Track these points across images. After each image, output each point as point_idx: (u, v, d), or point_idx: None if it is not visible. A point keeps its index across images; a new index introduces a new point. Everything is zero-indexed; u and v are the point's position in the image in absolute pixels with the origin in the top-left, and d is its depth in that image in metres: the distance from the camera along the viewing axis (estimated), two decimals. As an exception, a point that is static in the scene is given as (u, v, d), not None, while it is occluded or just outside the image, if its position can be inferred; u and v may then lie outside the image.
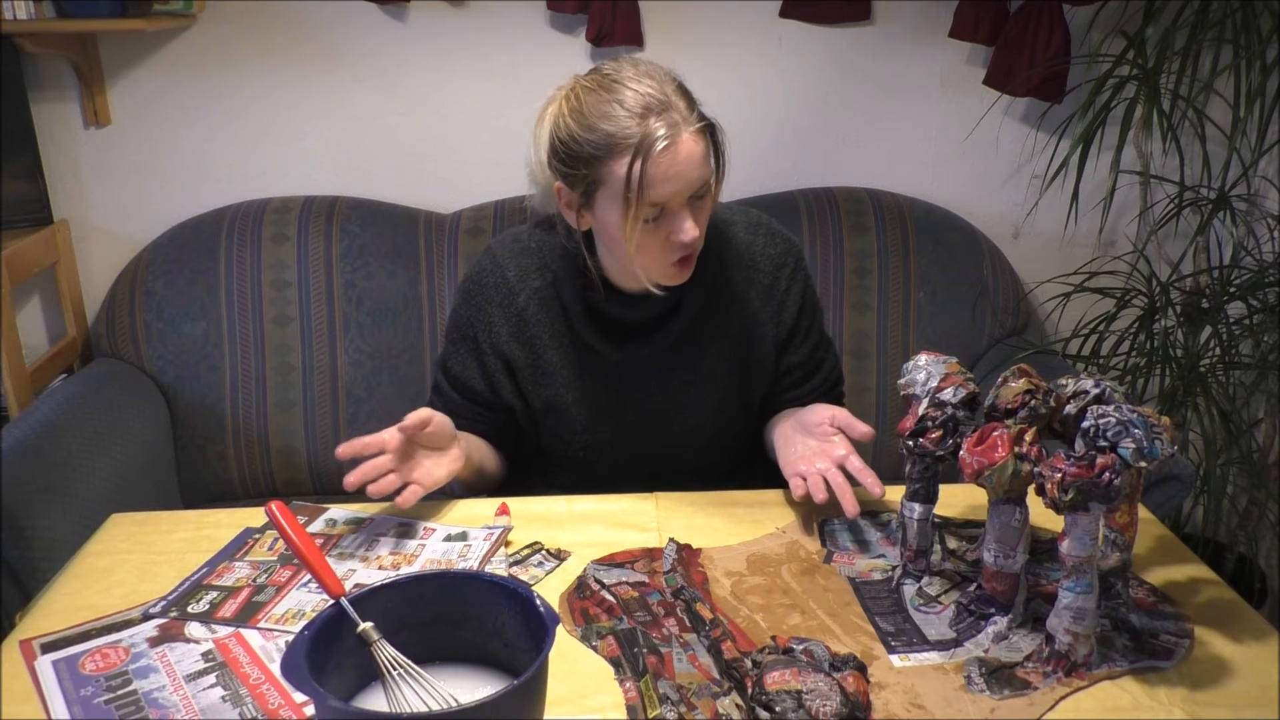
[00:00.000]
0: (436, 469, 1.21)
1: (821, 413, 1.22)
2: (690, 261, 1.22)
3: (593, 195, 1.18)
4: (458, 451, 1.24)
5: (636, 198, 1.14)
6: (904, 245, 2.02)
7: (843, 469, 1.16)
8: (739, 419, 1.40)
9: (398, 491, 1.16)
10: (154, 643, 0.98)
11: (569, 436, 1.37)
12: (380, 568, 1.10)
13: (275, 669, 0.94)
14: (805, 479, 1.17)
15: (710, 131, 1.18)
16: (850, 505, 1.13)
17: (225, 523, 1.21)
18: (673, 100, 1.15)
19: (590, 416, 1.34)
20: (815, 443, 1.22)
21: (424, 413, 1.18)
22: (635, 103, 1.14)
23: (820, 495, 1.15)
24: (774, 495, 1.27)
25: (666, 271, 1.22)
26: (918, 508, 1.07)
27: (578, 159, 1.17)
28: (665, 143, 1.12)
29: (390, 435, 1.16)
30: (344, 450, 1.15)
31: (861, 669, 0.90)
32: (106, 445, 1.69)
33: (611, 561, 1.12)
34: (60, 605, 1.05)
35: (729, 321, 1.34)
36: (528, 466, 1.43)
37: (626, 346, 1.31)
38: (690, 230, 1.17)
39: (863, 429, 1.17)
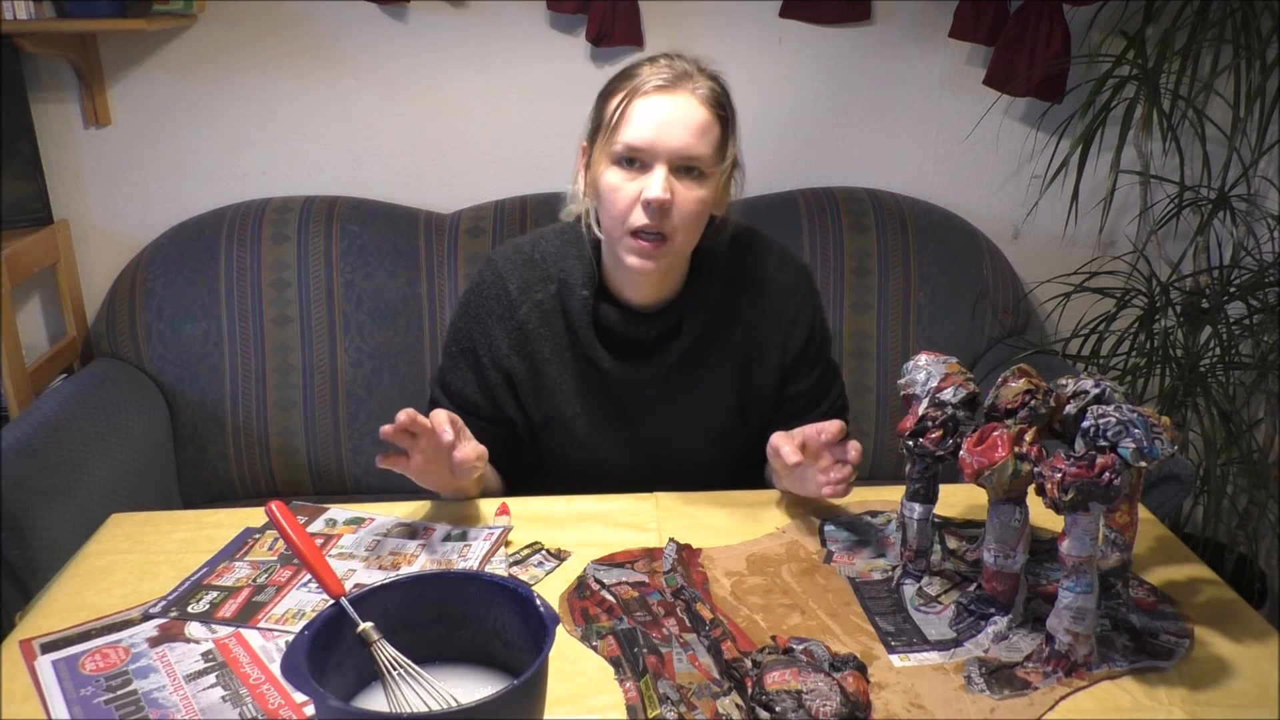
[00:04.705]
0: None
1: (808, 430, 1.19)
2: (658, 248, 1.17)
3: (594, 141, 1.20)
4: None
5: (612, 127, 1.15)
6: (904, 245, 2.02)
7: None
8: (738, 441, 1.39)
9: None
10: (154, 643, 0.98)
11: (568, 451, 1.36)
12: (380, 568, 1.10)
13: (275, 669, 0.94)
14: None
15: (719, 108, 1.18)
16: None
17: (225, 523, 1.21)
18: (694, 72, 1.16)
19: (590, 431, 1.34)
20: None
21: (482, 450, 1.19)
22: (662, 61, 1.17)
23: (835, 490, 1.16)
24: (774, 495, 1.27)
25: (629, 243, 1.18)
26: (918, 508, 1.07)
27: (595, 103, 1.20)
28: (658, 82, 1.13)
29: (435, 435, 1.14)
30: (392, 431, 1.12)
31: (861, 669, 0.90)
32: (106, 445, 1.68)
33: (611, 561, 1.12)
34: (60, 605, 1.05)
35: (733, 344, 1.32)
36: (526, 480, 1.42)
37: (628, 363, 1.29)
38: (655, 187, 1.13)
39: (795, 446, 1.13)
